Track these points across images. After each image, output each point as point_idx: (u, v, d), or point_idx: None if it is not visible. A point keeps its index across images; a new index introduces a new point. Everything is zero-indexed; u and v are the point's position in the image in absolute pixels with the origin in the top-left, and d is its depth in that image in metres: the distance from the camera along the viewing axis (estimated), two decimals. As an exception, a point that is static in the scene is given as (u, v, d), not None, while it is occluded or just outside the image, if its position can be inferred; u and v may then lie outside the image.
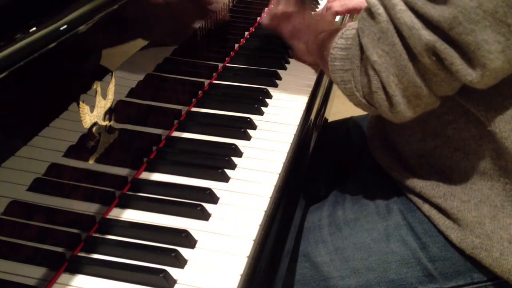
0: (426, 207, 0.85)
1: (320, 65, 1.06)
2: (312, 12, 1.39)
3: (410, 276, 0.86)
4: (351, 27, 0.81)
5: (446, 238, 0.84)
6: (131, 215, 0.74)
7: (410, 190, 0.88)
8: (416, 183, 0.86)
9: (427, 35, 0.66)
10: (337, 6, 1.22)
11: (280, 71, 1.11)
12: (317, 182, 1.21)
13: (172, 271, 0.65)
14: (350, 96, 0.80)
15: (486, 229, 0.80)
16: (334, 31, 0.87)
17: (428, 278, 0.86)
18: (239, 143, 0.88)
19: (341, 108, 1.34)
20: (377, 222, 0.89)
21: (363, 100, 0.78)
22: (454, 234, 0.82)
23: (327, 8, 1.25)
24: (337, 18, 1.39)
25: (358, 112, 1.29)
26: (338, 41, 0.80)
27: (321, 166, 1.20)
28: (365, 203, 0.93)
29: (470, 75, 0.67)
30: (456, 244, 0.82)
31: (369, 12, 0.72)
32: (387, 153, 0.92)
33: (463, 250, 0.82)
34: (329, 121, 1.33)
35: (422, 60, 0.68)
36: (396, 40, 0.69)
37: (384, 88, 0.73)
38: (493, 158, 0.79)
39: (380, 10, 0.70)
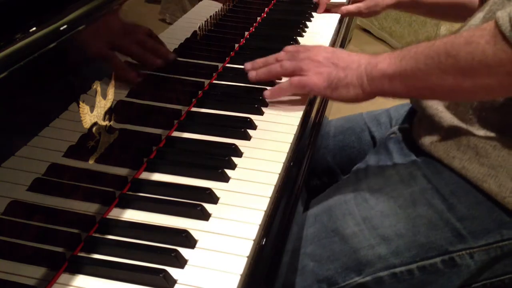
0: (456, 162, 0.86)
1: (403, 92, 0.89)
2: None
3: (440, 238, 0.87)
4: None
5: (478, 189, 0.85)
6: (131, 215, 0.74)
7: (440, 148, 0.89)
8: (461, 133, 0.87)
9: None
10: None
11: (280, 71, 1.11)
12: (318, 175, 1.22)
13: (172, 271, 0.65)
14: None
15: None
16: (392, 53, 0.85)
17: (458, 238, 0.86)
18: (239, 143, 0.88)
19: (341, 106, 1.34)
20: (402, 189, 0.90)
21: None
22: (492, 180, 0.83)
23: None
24: (336, 19, 1.40)
25: (357, 111, 1.29)
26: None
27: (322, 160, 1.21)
28: (388, 174, 0.94)
29: None
30: (494, 191, 0.83)
31: None
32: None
33: (499, 199, 0.83)
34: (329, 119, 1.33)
35: None
36: None
37: None
38: None
39: None
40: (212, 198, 0.76)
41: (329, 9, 1.45)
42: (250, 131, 0.91)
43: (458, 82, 0.79)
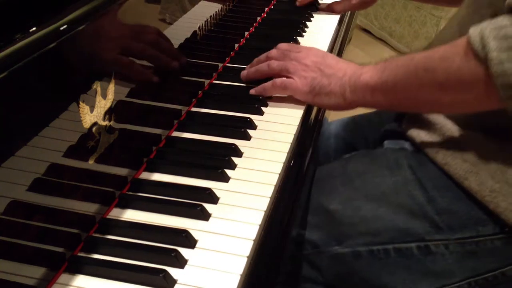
0: (440, 156, 0.88)
1: (384, 104, 0.90)
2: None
3: (418, 226, 0.89)
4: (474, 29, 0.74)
5: (459, 185, 0.86)
6: (131, 215, 0.74)
7: (426, 141, 0.90)
8: (445, 130, 0.88)
9: None
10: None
11: (280, 71, 1.11)
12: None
13: (172, 271, 0.65)
14: None
15: (507, 176, 0.83)
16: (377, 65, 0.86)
17: (435, 229, 0.88)
18: (239, 143, 0.88)
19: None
20: (386, 176, 0.93)
21: None
22: (473, 178, 0.85)
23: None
24: (336, 19, 1.40)
25: (357, 111, 1.29)
26: (492, 43, 0.71)
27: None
28: (376, 157, 0.96)
29: None
30: (474, 189, 0.85)
31: None
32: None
33: (479, 197, 0.84)
34: (329, 120, 1.33)
35: None
36: None
37: None
38: None
39: None
40: (212, 198, 0.76)
41: (323, 8, 1.45)
42: (250, 131, 0.91)
43: (436, 97, 0.81)
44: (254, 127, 0.93)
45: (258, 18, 1.38)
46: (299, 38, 1.28)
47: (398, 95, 0.86)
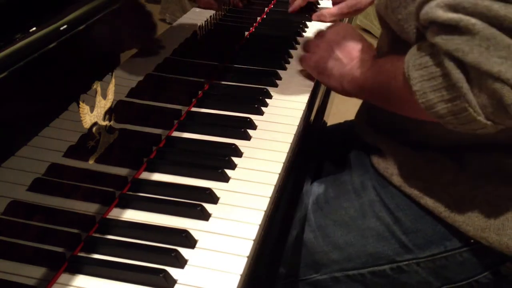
0: (395, 179, 0.89)
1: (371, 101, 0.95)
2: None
3: (387, 249, 0.90)
4: (407, 56, 0.73)
5: (418, 204, 0.87)
6: (131, 215, 0.74)
7: (383, 166, 0.91)
8: (398, 151, 0.90)
9: None
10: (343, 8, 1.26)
11: (280, 71, 1.11)
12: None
13: (172, 271, 0.65)
14: (468, 124, 0.69)
15: (459, 189, 0.84)
16: (363, 62, 0.88)
17: (404, 249, 0.90)
18: (239, 143, 0.88)
19: (341, 108, 1.34)
20: (353, 200, 0.94)
21: (489, 122, 0.68)
22: (428, 196, 0.86)
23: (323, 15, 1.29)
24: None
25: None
26: (415, 74, 0.70)
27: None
28: (344, 181, 0.97)
29: None
30: (430, 206, 0.86)
31: (454, 28, 0.65)
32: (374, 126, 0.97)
33: (437, 214, 0.85)
34: (328, 122, 1.33)
35: None
36: (509, 41, 0.63)
37: None
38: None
39: (473, 20, 0.63)
40: (212, 198, 0.76)
41: (312, 17, 1.43)
42: (250, 131, 0.91)
43: (396, 104, 0.84)
44: (254, 127, 0.93)
45: (258, 18, 1.38)
46: (299, 38, 1.28)
47: (375, 96, 0.90)
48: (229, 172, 0.81)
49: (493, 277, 0.88)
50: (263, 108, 0.98)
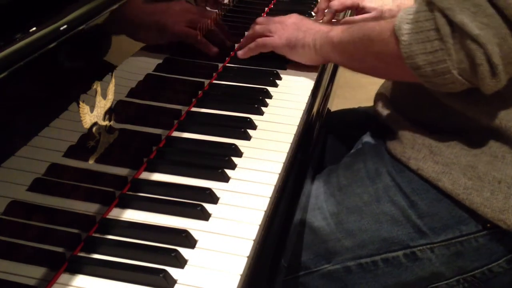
0: (412, 162, 0.90)
1: (340, 61, 1.06)
2: (313, 13, 1.39)
3: (401, 233, 0.90)
4: (400, 10, 0.82)
5: (436, 187, 0.88)
6: (131, 215, 0.74)
7: (399, 150, 0.92)
8: (415, 133, 0.91)
9: None
10: (336, 4, 1.26)
11: (280, 71, 1.11)
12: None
13: (172, 271, 0.65)
14: (442, 76, 0.78)
15: (478, 171, 0.85)
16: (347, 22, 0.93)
17: (419, 234, 0.90)
18: (239, 143, 0.88)
19: (341, 107, 1.33)
20: (368, 186, 0.94)
21: (460, 77, 0.77)
22: (446, 178, 0.87)
23: (325, 8, 1.28)
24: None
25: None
26: (405, 26, 0.79)
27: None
28: (357, 169, 0.97)
29: None
30: (448, 189, 0.86)
31: None
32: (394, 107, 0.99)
33: (454, 196, 0.86)
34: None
35: None
36: (492, 11, 0.73)
37: (488, 59, 0.74)
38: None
39: None
40: (212, 198, 0.76)
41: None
42: (250, 131, 0.91)
43: (374, 64, 0.91)
44: (254, 127, 0.93)
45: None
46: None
47: (348, 56, 0.97)
48: (229, 172, 0.81)
49: (507, 265, 0.88)
50: (263, 108, 0.98)
